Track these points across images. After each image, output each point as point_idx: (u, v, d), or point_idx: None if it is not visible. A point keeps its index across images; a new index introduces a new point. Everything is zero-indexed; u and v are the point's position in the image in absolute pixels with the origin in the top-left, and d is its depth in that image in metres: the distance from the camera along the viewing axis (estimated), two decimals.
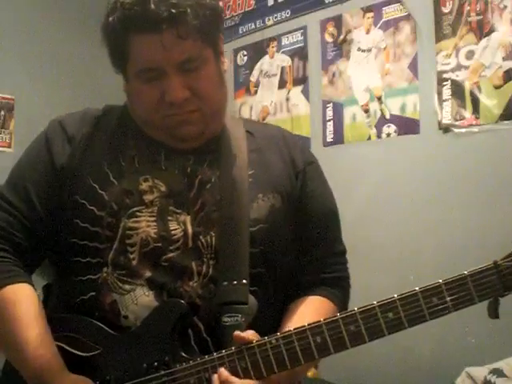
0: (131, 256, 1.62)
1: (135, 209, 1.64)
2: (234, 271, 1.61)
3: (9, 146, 4.27)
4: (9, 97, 4.36)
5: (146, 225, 1.63)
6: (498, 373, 2.59)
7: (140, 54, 1.60)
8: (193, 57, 1.61)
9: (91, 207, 1.64)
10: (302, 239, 1.76)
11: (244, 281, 1.60)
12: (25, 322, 1.60)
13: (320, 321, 1.45)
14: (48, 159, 1.71)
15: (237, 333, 1.49)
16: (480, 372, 2.64)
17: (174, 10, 1.54)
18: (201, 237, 1.63)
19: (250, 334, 1.50)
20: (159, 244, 1.61)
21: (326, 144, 3.75)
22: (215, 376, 1.46)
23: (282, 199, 1.71)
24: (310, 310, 1.70)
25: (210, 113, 1.68)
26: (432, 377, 3.14)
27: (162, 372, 1.52)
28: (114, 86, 1.96)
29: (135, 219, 1.63)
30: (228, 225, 1.64)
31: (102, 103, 1.85)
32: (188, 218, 1.64)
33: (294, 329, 1.46)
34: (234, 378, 1.46)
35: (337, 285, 1.82)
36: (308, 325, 1.46)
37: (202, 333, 1.58)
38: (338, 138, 3.69)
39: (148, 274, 1.60)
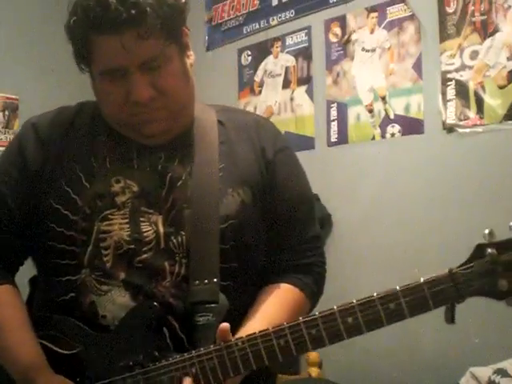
0: (105, 259, 1.65)
1: (107, 212, 1.67)
2: (204, 270, 1.64)
3: None
4: (13, 97, 4.37)
5: (118, 227, 1.66)
6: (503, 373, 2.59)
7: (102, 55, 1.61)
8: (155, 56, 1.61)
9: (65, 212, 1.67)
10: (274, 229, 1.78)
11: (215, 279, 1.63)
12: (8, 323, 1.67)
13: (283, 324, 1.49)
14: (21, 164, 1.74)
15: (222, 330, 1.52)
16: (484, 372, 2.64)
17: (133, 11, 1.54)
18: (172, 237, 1.65)
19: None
20: (132, 246, 1.65)
21: (330, 144, 3.75)
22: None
23: (252, 193, 1.73)
24: (274, 302, 1.72)
25: (177, 109, 1.70)
26: (436, 377, 3.14)
27: (137, 371, 1.57)
28: None
29: (108, 222, 1.66)
30: (198, 223, 1.66)
31: None
32: (160, 218, 1.67)
33: (259, 331, 1.50)
34: None
35: (309, 271, 1.81)
36: (272, 328, 1.49)
37: (176, 331, 1.62)
38: (343, 138, 3.69)
39: (123, 275, 1.64)
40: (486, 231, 1.35)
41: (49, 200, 1.69)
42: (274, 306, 1.71)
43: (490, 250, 1.34)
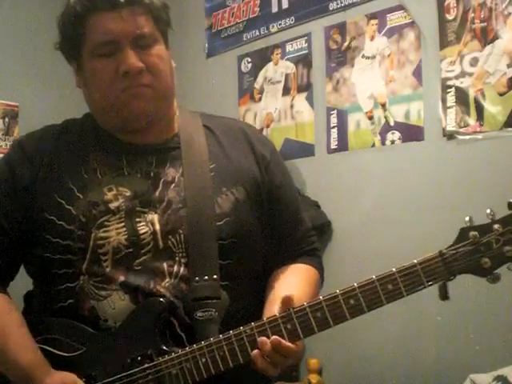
0: (104, 264, 1.68)
1: (103, 219, 1.70)
2: (204, 267, 1.67)
3: None
4: (13, 104, 4.37)
5: (116, 233, 1.69)
6: (503, 380, 2.59)
7: (98, 30, 1.70)
8: (146, 33, 1.72)
9: (60, 222, 1.70)
10: (278, 225, 1.85)
11: (215, 276, 1.67)
12: (4, 328, 1.69)
13: (304, 304, 1.56)
14: (10, 181, 1.77)
15: (285, 297, 1.57)
16: (484, 379, 2.64)
17: None
18: (170, 236, 1.69)
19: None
20: (130, 250, 1.68)
21: (330, 151, 3.75)
22: (263, 340, 1.54)
23: (245, 191, 1.77)
24: (299, 276, 1.82)
25: (161, 93, 1.76)
26: (437, 383, 3.14)
27: (146, 365, 1.60)
28: None
29: (105, 229, 1.69)
30: (195, 221, 1.70)
31: None
32: (155, 217, 1.70)
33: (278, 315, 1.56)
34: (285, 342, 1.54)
35: (314, 254, 1.92)
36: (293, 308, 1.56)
37: (176, 329, 1.66)
38: (343, 145, 3.69)
39: (121, 278, 1.67)
40: (467, 218, 1.54)
41: (42, 213, 1.72)
42: (301, 280, 1.81)
43: (472, 233, 1.51)
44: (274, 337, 1.53)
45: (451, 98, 3.20)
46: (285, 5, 4.02)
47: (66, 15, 1.75)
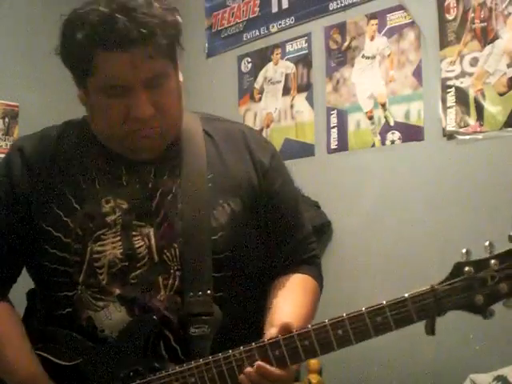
0: (100, 277, 1.68)
1: (100, 232, 1.70)
2: (198, 282, 1.67)
3: None
4: (13, 104, 4.37)
5: (111, 247, 1.69)
6: (503, 380, 2.59)
7: (107, 71, 1.61)
8: (159, 74, 1.64)
9: (57, 234, 1.70)
10: (276, 232, 1.83)
11: (208, 291, 1.67)
12: (5, 337, 1.71)
13: (292, 332, 1.53)
14: (9, 187, 1.76)
15: (284, 324, 1.55)
16: (484, 379, 2.64)
17: (143, 30, 1.56)
18: (165, 250, 1.68)
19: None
20: (126, 263, 1.68)
21: (330, 151, 3.75)
22: (248, 371, 1.53)
23: (242, 202, 1.76)
24: (297, 293, 1.79)
25: (168, 128, 1.72)
26: (436, 383, 3.14)
27: (138, 381, 1.61)
28: None
29: (101, 242, 1.69)
30: (190, 235, 1.69)
31: None
32: (151, 231, 1.70)
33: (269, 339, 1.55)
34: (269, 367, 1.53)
35: (313, 263, 1.90)
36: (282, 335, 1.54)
37: (171, 342, 1.66)
38: (343, 145, 3.69)
39: (118, 291, 1.67)
40: (464, 251, 1.45)
41: (40, 222, 1.72)
42: (301, 293, 1.79)
43: (467, 268, 1.43)
44: (259, 363, 1.52)
45: (451, 98, 3.21)
46: (285, 5, 4.02)
47: (73, 46, 1.63)
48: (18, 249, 1.76)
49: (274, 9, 4.08)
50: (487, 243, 1.43)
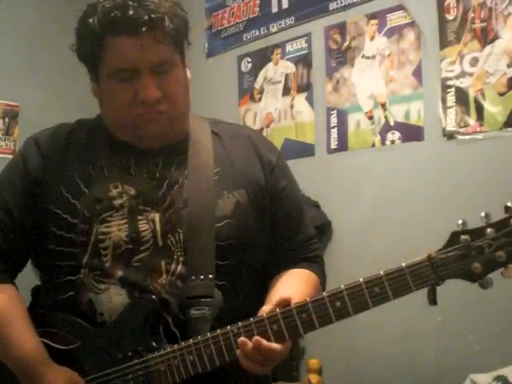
0: (105, 259, 1.72)
1: (106, 214, 1.74)
2: (201, 267, 1.71)
3: (13, 153, 4.25)
4: (13, 104, 4.37)
5: (117, 229, 1.73)
6: (503, 380, 2.59)
7: (117, 55, 1.69)
8: (166, 60, 1.71)
9: (65, 215, 1.75)
10: (280, 229, 1.86)
11: (210, 275, 1.70)
12: (8, 318, 1.73)
13: (291, 305, 1.55)
14: (24, 173, 1.82)
15: (280, 298, 1.58)
16: (484, 379, 2.64)
17: (152, 15, 1.65)
18: (169, 235, 1.72)
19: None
20: (130, 246, 1.72)
21: (330, 151, 3.75)
22: (243, 340, 1.55)
23: (247, 194, 1.80)
24: (300, 279, 1.82)
25: (176, 116, 1.78)
26: (437, 383, 3.14)
27: (136, 361, 1.65)
28: None
29: (107, 224, 1.74)
30: (195, 222, 1.73)
31: None
32: (157, 216, 1.74)
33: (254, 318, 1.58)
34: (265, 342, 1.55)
35: (316, 262, 1.92)
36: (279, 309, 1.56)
37: (170, 326, 1.69)
38: (343, 145, 3.69)
39: (120, 273, 1.71)
40: (460, 221, 1.51)
41: (49, 205, 1.76)
42: (303, 283, 1.80)
43: (463, 237, 1.48)
44: (256, 337, 1.53)
45: (451, 98, 3.21)
46: (285, 5, 4.03)
47: (86, 32, 1.72)
48: (29, 233, 1.80)
49: (274, 9, 4.08)
50: (483, 214, 1.50)
